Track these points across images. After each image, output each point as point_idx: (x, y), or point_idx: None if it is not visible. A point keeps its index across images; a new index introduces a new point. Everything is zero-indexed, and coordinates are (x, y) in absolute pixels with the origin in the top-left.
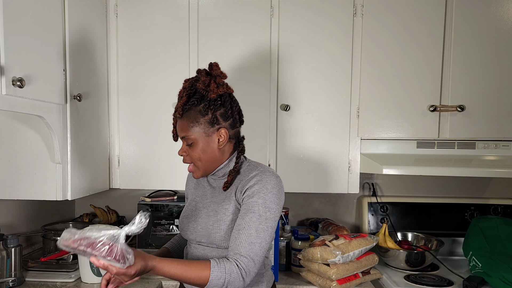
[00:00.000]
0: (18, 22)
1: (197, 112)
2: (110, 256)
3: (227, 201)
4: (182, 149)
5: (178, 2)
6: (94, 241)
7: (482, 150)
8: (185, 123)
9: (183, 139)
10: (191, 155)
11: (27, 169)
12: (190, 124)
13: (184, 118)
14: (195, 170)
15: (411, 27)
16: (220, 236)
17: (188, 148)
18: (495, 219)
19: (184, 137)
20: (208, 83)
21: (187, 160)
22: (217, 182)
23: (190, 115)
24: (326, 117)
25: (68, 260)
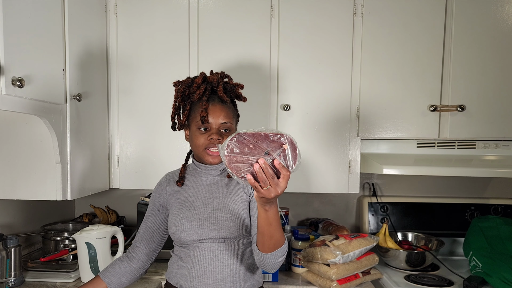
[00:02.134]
0: (18, 22)
1: (232, 106)
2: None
3: (233, 193)
4: (218, 134)
5: (178, 2)
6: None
7: (483, 150)
8: (229, 111)
9: (222, 124)
10: None
11: (27, 169)
12: (231, 112)
13: (228, 106)
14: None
15: (411, 26)
16: (235, 226)
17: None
18: (495, 219)
19: (227, 123)
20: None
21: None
22: (212, 178)
23: (231, 106)
24: (326, 117)
25: (68, 260)
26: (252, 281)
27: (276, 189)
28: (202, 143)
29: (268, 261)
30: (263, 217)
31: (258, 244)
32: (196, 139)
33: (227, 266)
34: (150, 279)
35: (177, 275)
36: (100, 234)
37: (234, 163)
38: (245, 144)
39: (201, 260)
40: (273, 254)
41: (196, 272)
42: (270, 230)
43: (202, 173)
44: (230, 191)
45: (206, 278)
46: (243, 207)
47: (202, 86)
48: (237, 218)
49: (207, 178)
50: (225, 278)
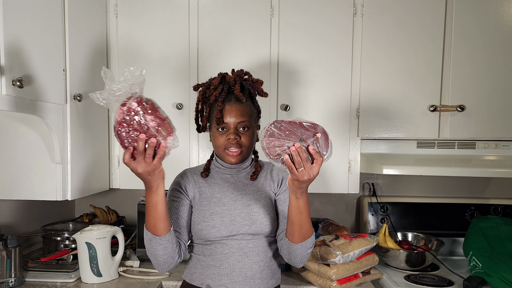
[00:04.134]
0: (18, 22)
1: (250, 103)
2: None
3: (261, 190)
4: (235, 133)
5: (178, 2)
6: None
7: (482, 150)
8: (246, 109)
9: (239, 124)
10: (244, 141)
11: (27, 169)
12: (249, 111)
13: (245, 104)
14: (238, 155)
15: (411, 27)
16: (267, 221)
17: (242, 133)
18: (495, 219)
19: (244, 121)
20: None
21: (235, 146)
22: (237, 175)
23: (249, 104)
24: (326, 117)
25: (68, 261)
26: (275, 278)
27: (309, 172)
28: (221, 143)
29: (298, 252)
30: (294, 205)
31: (288, 235)
32: (215, 140)
33: (255, 263)
34: (150, 279)
35: (201, 275)
36: (100, 234)
37: (272, 147)
38: (283, 130)
39: (230, 257)
40: (302, 245)
41: (225, 270)
42: (301, 219)
43: (226, 171)
44: (258, 188)
45: (236, 276)
46: (272, 203)
47: (219, 87)
48: (268, 213)
49: (231, 176)
50: (254, 275)
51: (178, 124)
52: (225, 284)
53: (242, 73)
